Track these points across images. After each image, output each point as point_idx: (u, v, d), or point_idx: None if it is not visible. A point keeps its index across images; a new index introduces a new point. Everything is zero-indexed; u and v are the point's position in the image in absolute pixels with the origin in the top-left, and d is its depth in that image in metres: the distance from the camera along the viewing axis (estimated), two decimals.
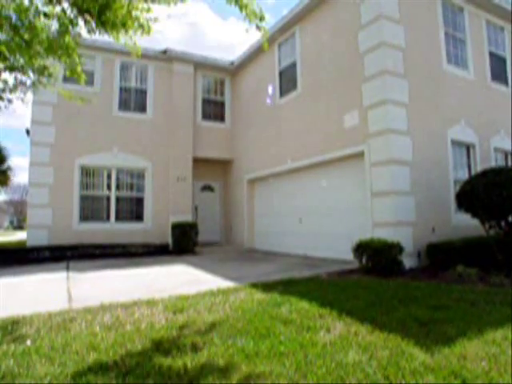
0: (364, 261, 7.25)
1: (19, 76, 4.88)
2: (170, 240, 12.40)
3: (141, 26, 4.87)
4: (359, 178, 8.82)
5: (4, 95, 4.87)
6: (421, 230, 8.05)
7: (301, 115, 10.87)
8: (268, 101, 12.49)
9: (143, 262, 9.84)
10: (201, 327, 3.97)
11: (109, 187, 12.51)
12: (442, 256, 7.40)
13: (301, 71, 10.97)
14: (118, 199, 12.57)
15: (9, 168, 12.58)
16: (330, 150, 9.55)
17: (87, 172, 12.30)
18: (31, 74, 4.99)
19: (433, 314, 4.23)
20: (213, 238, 14.82)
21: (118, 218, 12.47)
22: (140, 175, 13.04)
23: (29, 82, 5.13)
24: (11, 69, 4.60)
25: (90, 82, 12.21)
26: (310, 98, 10.52)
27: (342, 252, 8.86)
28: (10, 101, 5.06)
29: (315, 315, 4.32)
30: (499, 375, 2.74)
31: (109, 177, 12.54)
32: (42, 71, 4.92)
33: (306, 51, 10.82)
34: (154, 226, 12.83)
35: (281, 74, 12.00)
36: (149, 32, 4.99)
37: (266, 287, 5.99)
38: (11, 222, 61.26)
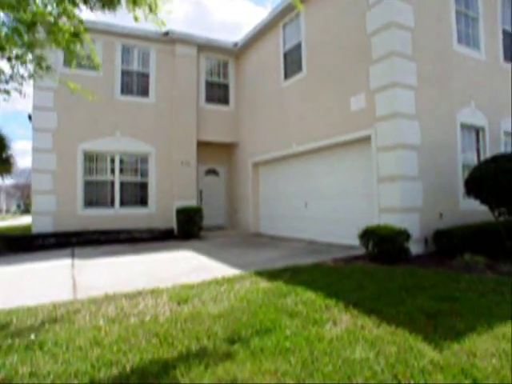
0: (370, 247, 7.17)
1: (16, 66, 4.71)
2: (174, 225, 12.38)
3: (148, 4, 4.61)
4: (366, 162, 8.68)
5: (0, 86, 4.73)
6: (428, 215, 7.94)
7: (306, 98, 10.65)
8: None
9: (148, 248, 9.83)
10: (205, 320, 3.93)
11: (112, 172, 12.43)
12: (449, 243, 7.30)
13: (306, 53, 10.70)
14: (121, 184, 12.51)
15: (11, 156, 12.50)
16: (336, 134, 9.38)
17: (90, 157, 12.20)
18: (29, 65, 4.83)
19: (440, 305, 4.16)
20: (218, 222, 14.80)
21: (122, 204, 12.43)
22: (143, 160, 12.93)
23: (26, 74, 4.98)
24: (8, 59, 4.44)
25: (91, 66, 12.00)
26: (316, 80, 10.29)
27: (348, 237, 8.80)
28: (7, 92, 4.92)
29: (321, 307, 4.27)
30: (511, 373, 2.67)
31: (112, 162, 12.44)
32: (39, 63, 4.76)
33: (311, 32, 10.52)
34: (158, 210, 12.80)
35: (285, 55, 11.72)
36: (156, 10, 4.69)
37: (271, 275, 5.95)
38: (18, 206, 61.66)
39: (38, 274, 7.05)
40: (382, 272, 6.04)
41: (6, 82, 4.71)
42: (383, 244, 6.88)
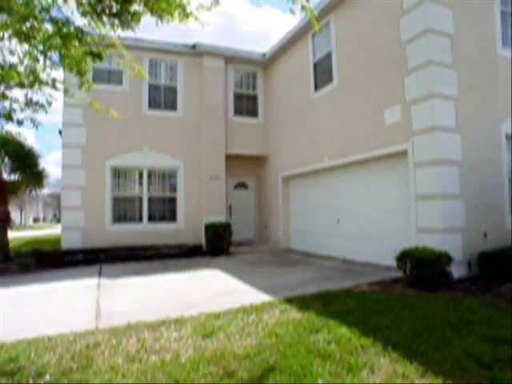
0: (408, 271, 6.66)
1: (29, 94, 4.64)
2: (203, 240, 12.19)
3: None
4: (402, 178, 8.17)
5: (13, 115, 4.64)
6: (471, 236, 7.34)
7: (337, 110, 10.25)
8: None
9: (175, 266, 9.66)
10: (230, 361, 3.61)
11: (141, 187, 12.40)
12: (495, 266, 6.69)
13: (336, 63, 10.31)
14: (150, 199, 12.46)
15: (43, 170, 12.78)
16: (370, 148, 8.91)
17: (119, 173, 12.23)
18: (46, 89, 4.72)
19: (495, 350, 3.66)
20: (247, 236, 14.50)
21: (150, 219, 12.37)
22: (172, 174, 12.85)
23: (41, 100, 4.90)
24: (22, 85, 4.34)
25: (118, 81, 12.08)
26: (347, 91, 9.88)
27: (383, 257, 8.30)
28: (19, 122, 4.83)
29: (357, 347, 3.86)
30: None
31: (140, 177, 12.43)
32: (54, 85, 4.64)
33: (341, 41, 10.14)
34: (187, 226, 12.64)
35: (315, 66, 11.37)
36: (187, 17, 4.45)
37: (302, 303, 5.59)
38: (54, 215, 63.86)
39: (65, 293, 7.02)
40: (423, 301, 5.54)
41: (22, 110, 4.61)
42: (422, 268, 6.37)
